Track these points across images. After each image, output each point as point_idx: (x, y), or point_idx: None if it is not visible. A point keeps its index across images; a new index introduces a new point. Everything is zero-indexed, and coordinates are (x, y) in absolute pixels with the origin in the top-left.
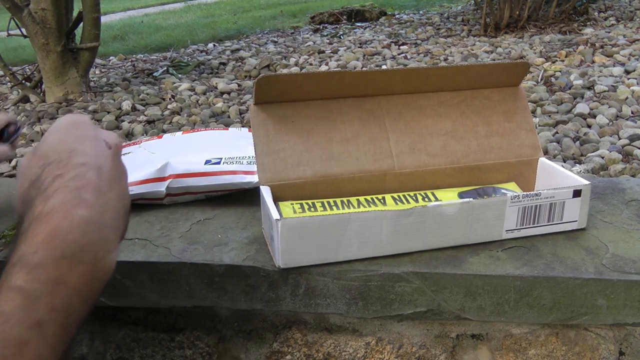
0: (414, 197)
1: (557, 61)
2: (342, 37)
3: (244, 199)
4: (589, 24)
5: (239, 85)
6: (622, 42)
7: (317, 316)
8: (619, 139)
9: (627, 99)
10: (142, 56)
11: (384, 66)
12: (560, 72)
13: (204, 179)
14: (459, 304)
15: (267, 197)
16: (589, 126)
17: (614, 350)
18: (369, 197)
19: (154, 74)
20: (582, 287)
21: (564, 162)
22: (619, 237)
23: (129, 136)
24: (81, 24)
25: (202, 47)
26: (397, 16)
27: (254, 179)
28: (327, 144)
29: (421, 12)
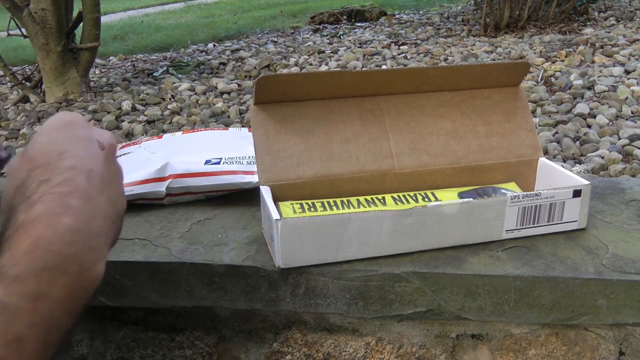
0: (414, 197)
1: (557, 61)
2: (342, 37)
3: (244, 199)
4: (589, 24)
5: (239, 85)
6: (622, 42)
7: (317, 316)
8: (619, 139)
9: (627, 99)
10: (142, 56)
11: (384, 66)
12: (560, 72)
13: (204, 179)
14: (459, 304)
15: (267, 197)
16: (589, 126)
17: (614, 350)
18: (369, 197)
19: (154, 74)
20: (582, 287)
21: (564, 162)
22: (619, 237)
23: (129, 136)
24: (81, 24)
25: (202, 47)
26: (397, 16)
27: (254, 179)
28: (327, 144)
29: (421, 12)
